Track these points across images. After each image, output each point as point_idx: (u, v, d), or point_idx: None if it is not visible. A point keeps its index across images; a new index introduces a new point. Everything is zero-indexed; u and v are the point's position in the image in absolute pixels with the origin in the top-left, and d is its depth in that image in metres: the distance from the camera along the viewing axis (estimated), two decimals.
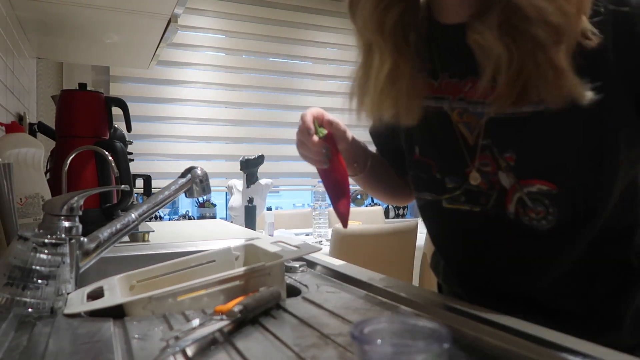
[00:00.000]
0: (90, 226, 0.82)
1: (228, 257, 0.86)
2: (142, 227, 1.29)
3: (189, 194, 0.94)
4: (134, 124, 1.48)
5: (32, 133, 1.49)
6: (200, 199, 3.62)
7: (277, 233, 2.77)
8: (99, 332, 0.56)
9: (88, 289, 0.71)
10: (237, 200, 2.90)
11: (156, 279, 0.78)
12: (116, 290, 0.69)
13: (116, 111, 1.41)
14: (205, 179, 0.95)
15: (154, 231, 1.32)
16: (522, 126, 0.60)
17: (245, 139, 3.81)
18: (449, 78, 0.66)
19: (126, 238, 1.06)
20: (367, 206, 4.12)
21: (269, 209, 3.70)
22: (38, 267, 0.61)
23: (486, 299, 0.66)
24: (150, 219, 1.70)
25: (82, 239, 0.76)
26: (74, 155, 1.19)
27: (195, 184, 0.94)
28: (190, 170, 0.95)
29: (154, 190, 1.54)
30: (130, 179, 1.32)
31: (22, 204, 1.01)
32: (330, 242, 2.26)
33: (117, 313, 0.62)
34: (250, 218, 2.57)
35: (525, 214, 0.62)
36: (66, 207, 0.74)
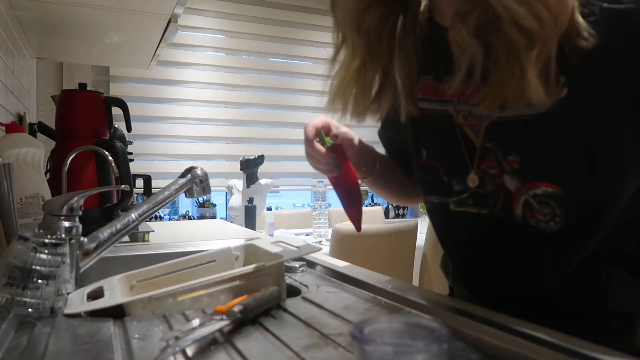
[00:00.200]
0: (90, 226, 0.82)
1: (228, 257, 0.86)
2: (142, 227, 1.29)
3: (189, 194, 0.94)
4: (134, 124, 1.48)
5: (32, 133, 1.49)
6: (200, 199, 3.62)
7: (277, 233, 2.77)
8: (99, 332, 0.56)
9: (88, 289, 0.71)
10: (237, 200, 2.90)
11: (156, 279, 0.78)
12: (116, 290, 0.69)
13: (116, 111, 1.41)
14: (205, 179, 0.95)
15: (154, 231, 1.32)
16: (523, 129, 0.60)
17: (245, 139, 3.81)
18: (452, 80, 0.66)
19: (126, 238, 1.06)
20: (367, 206, 4.12)
21: (269, 209, 3.70)
22: (38, 267, 0.61)
23: (495, 301, 0.65)
24: (150, 219, 1.70)
25: (82, 239, 0.76)
26: (74, 155, 1.19)
27: (195, 184, 0.94)
28: (190, 170, 0.95)
29: (154, 190, 1.54)
30: (130, 179, 1.32)
31: (22, 204, 1.01)
32: (330, 242, 2.26)
33: (117, 313, 0.62)
34: (250, 218, 2.57)
35: (533, 216, 0.61)
36: (66, 207, 0.74)
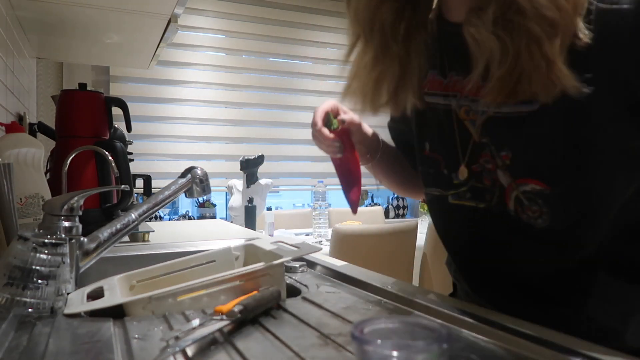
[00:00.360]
0: (90, 226, 0.82)
1: (228, 257, 0.86)
2: (142, 227, 1.29)
3: (189, 194, 0.94)
4: (134, 124, 1.48)
5: (32, 133, 1.49)
6: (200, 199, 3.62)
7: (277, 233, 2.77)
8: (99, 332, 0.56)
9: (88, 289, 0.71)
10: (237, 200, 2.90)
11: (156, 279, 0.78)
12: (116, 290, 0.69)
13: (116, 111, 1.41)
14: (205, 179, 0.95)
15: (154, 231, 1.32)
16: (517, 125, 0.60)
17: (245, 139, 3.81)
18: (456, 75, 0.67)
19: (126, 238, 1.06)
20: (367, 206, 4.12)
21: (269, 209, 3.70)
22: (38, 267, 0.61)
23: (493, 295, 0.66)
24: (150, 219, 1.70)
25: (82, 239, 0.76)
26: (74, 155, 1.19)
27: (195, 184, 0.94)
28: (190, 170, 0.95)
29: (154, 190, 1.54)
30: (130, 179, 1.32)
31: (22, 204, 1.01)
32: (330, 242, 2.26)
33: (117, 313, 0.62)
34: (250, 218, 2.57)
35: (523, 212, 0.62)
36: (66, 207, 0.74)
